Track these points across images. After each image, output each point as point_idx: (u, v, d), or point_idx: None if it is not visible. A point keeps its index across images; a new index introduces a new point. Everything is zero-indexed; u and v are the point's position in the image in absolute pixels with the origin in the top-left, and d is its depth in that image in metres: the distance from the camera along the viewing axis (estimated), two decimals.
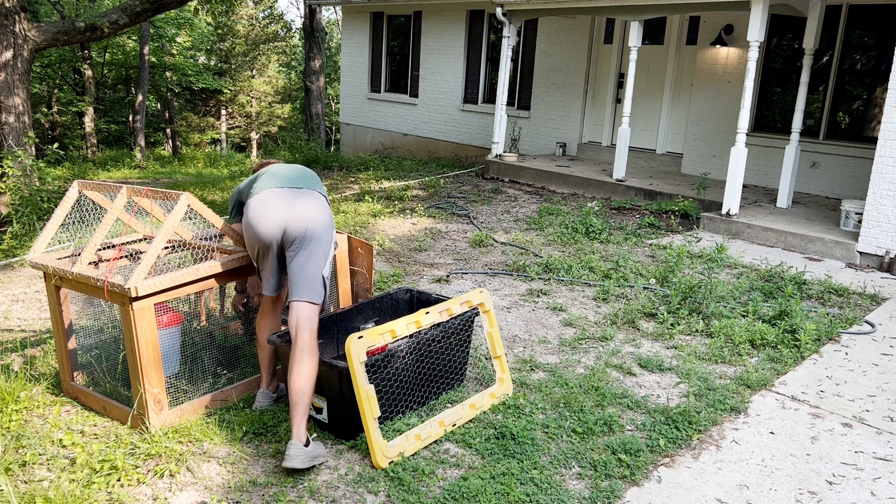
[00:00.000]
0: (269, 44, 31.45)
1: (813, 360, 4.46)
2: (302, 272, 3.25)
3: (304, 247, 3.26)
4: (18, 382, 3.65)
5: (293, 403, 3.08)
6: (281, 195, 3.31)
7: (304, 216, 3.26)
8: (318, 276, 3.28)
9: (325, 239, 3.32)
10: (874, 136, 8.86)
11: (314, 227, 3.27)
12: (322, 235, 3.30)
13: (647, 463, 3.21)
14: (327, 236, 3.34)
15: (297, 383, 3.09)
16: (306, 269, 3.26)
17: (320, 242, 3.29)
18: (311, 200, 3.33)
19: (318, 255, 3.28)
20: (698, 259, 6.64)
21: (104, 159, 19.76)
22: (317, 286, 3.28)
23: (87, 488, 2.88)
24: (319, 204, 3.35)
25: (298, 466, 2.95)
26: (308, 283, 3.25)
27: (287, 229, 3.26)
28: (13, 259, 6.32)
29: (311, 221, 3.27)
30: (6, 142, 8.55)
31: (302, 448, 2.99)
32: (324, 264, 3.31)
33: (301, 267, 3.26)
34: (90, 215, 3.85)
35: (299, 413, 3.07)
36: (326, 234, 3.33)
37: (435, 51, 14.25)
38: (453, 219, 8.22)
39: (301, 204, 3.29)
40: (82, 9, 18.97)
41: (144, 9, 9.73)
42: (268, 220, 3.26)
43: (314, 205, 3.32)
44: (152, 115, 28.13)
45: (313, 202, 3.33)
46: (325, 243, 3.32)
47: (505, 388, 3.76)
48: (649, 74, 11.16)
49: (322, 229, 3.30)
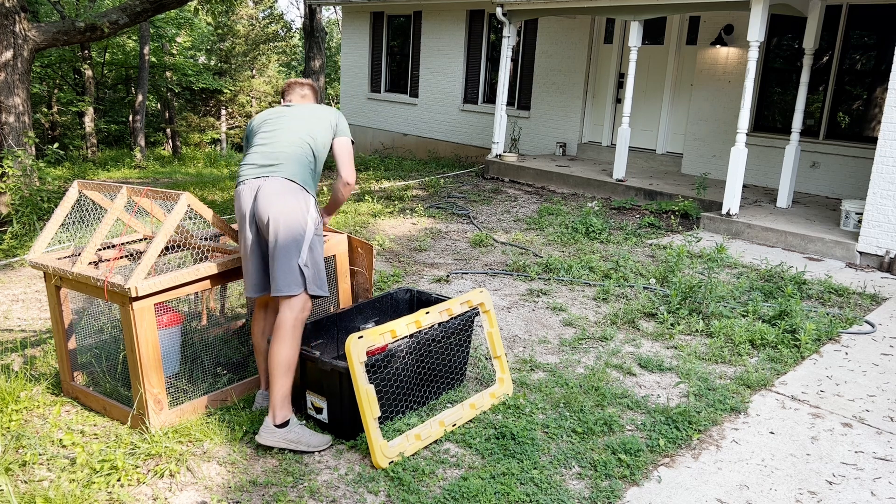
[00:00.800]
0: (269, 44, 31.47)
1: (813, 360, 4.46)
2: (273, 265, 3.22)
3: (272, 240, 3.22)
4: (18, 382, 3.65)
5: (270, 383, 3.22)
6: (249, 187, 3.31)
7: (264, 209, 3.21)
8: (290, 268, 3.21)
9: (292, 226, 3.22)
10: (874, 136, 8.86)
11: (276, 218, 3.20)
12: (288, 224, 3.21)
13: (647, 463, 3.21)
14: (294, 223, 3.23)
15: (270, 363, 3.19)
16: (277, 262, 3.21)
17: (286, 231, 3.21)
18: (273, 188, 3.25)
19: (288, 246, 3.21)
20: (698, 259, 6.64)
21: (104, 159, 19.76)
22: (290, 277, 3.21)
23: (87, 488, 2.88)
24: (283, 189, 3.26)
25: (260, 441, 3.15)
26: (281, 277, 3.21)
27: (254, 222, 3.28)
28: (13, 259, 6.32)
29: (273, 213, 3.20)
30: (6, 142, 8.55)
31: (271, 427, 3.14)
32: (297, 253, 3.23)
33: (272, 260, 3.23)
34: (90, 215, 3.85)
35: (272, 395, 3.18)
36: (293, 220, 3.23)
37: (435, 51, 14.25)
38: (453, 219, 8.22)
39: (263, 195, 3.24)
40: (82, 9, 18.97)
41: (144, 9, 9.73)
42: (238, 215, 3.35)
43: (276, 193, 3.24)
44: (152, 115, 28.14)
45: (275, 189, 3.25)
46: (292, 230, 3.22)
47: (505, 388, 3.76)
48: (649, 74, 11.16)
49: (285, 218, 3.21)
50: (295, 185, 3.31)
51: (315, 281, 3.29)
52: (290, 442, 3.17)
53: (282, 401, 3.18)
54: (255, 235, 3.32)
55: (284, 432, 3.17)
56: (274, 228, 3.20)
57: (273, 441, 3.16)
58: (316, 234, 3.34)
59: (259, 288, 3.39)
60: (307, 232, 3.28)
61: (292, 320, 3.20)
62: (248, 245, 3.33)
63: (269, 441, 3.15)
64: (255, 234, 3.31)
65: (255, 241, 3.32)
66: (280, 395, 3.17)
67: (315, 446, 3.21)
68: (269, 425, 3.16)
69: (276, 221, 3.20)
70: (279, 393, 3.17)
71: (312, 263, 3.29)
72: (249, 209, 3.29)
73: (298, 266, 3.23)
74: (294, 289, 3.22)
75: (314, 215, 3.34)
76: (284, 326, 3.19)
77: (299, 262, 3.23)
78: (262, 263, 3.36)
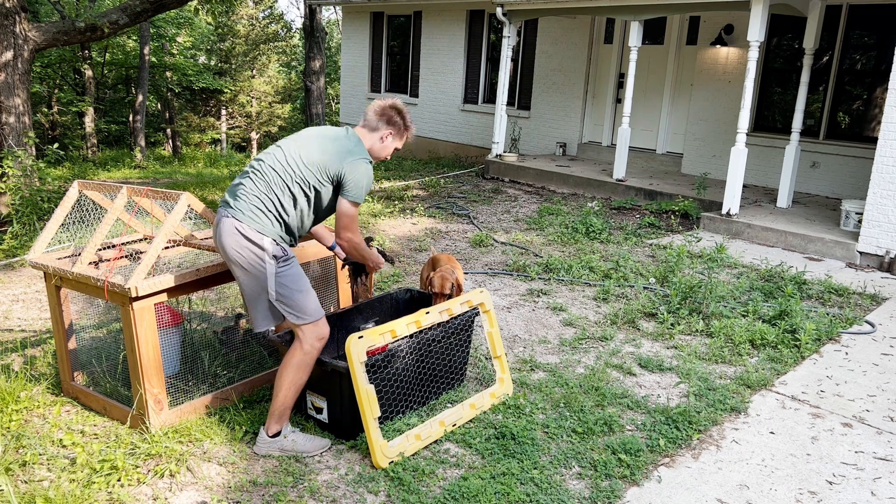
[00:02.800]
0: (270, 44, 31.46)
1: (813, 360, 4.46)
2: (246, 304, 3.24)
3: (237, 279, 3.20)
4: (18, 382, 3.65)
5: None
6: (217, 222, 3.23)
7: (221, 251, 3.15)
8: (258, 303, 3.15)
9: (246, 264, 3.07)
10: (874, 136, 8.86)
11: (231, 258, 3.12)
12: (240, 262, 3.08)
13: (647, 463, 3.21)
14: (248, 260, 3.07)
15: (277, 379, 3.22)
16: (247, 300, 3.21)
17: (241, 269, 3.10)
18: (222, 232, 3.12)
19: (248, 284, 3.13)
20: (698, 259, 6.64)
21: (104, 159, 19.76)
22: (261, 315, 3.17)
23: (87, 488, 2.88)
24: (228, 230, 3.09)
25: (256, 451, 3.22)
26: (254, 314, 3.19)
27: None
28: (13, 259, 6.32)
29: (227, 255, 3.12)
30: (6, 142, 8.55)
31: (265, 437, 3.21)
32: (258, 289, 3.11)
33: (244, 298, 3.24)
34: (90, 215, 3.85)
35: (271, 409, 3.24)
36: (245, 258, 3.07)
37: (435, 51, 14.25)
38: (453, 219, 8.22)
39: (217, 238, 3.16)
40: (82, 9, 18.98)
41: (144, 9, 9.73)
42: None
43: (224, 234, 3.10)
44: (152, 115, 28.13)
45: (224, 231, 3.11)
46: (248, 268, 3.08)
47: (505, 388, 3.76)
48: (649, 74, 11.16)
49: (236, 256, 3.08)
50: (242, 230, 3.10)
51: (297, 310, 3.12)
52: (284, 450, 3.21)
53: (279, 415, 3.21)
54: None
55: (276, 442, 3.21)
56: (233, 269, 3.16)
57: (267, 451, 3.22)
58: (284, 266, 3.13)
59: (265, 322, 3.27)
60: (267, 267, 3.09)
61: (300, 356, 3.15)
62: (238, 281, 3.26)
63: (263, 451, 3.23)
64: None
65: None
66: (277, 412, 3.21)
67: (311, 451, 3.23)
68: (263, 435, 3.22)
69: (231, 261, 3.13)
70: (276, 410, 3.21)
71: (286, 294, 3.11)
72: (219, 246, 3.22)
73: (269, 302, 3.14)
74: (267, 324, 3.21)
75: (271, 249, 3.09)
76: (289, 363, 3.17)
77: (269, 299, 3.13)
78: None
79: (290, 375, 3.17)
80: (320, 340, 3.17)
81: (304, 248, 3.87)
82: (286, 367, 3.18)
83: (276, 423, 3.22)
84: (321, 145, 3.18)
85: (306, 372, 3.19)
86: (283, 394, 3.18)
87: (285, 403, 3.20)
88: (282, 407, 3.20)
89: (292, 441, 3.22)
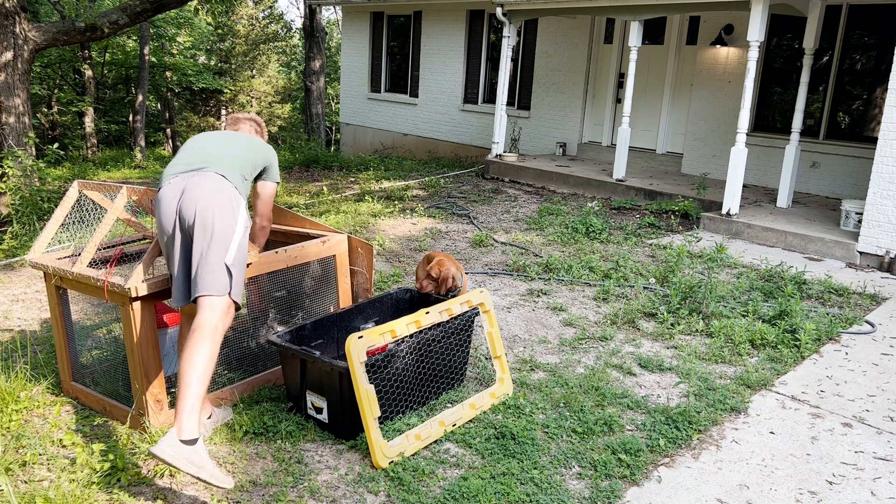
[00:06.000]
0: (269, 44, 31.47)
1: (813, 360, 4.46)
2: (197, 264, 2.95)
3: (198, 236, 2.95)
4: (18, 382, 3.65)
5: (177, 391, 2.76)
6: (175, 186, 3.06)
7: (191, 203, 2.97)
8: (216, 266, 2.94)
9: (220, 223, 2.97)
10: (874, 136, 8.86)
11: (203, 213, 2.95)
12: (215, 219, 2.96)
13: (647, 463, 3.21)
14: (224, 219, 2.98)
15: (180, 366, 2.80)
16: (202, 259, 2.95)
17: (214, 227, 2.95)
18: (203, 182, 3.01)
19: (215, 243, 2.95)
20: (698, 259, 6.64)
21: (104, 159, 19.76)
22: (217, 276, 2.94)
23: (87, 488, 2.88)
24: (213, 185, 3.02)
25: (154, 452, 2.54)
26: (206, 274, 2.93)
27: (179, 221, 3.00)
28: (13, 259, 6.32)
29: (200, 207, 2.95)
30: (6, 142, 8.55)
31: (175, 441, 2.57)
32: (224, 252, 2.96)
33: (196, 258, 2.95)
34: (90, 215, 3.86)
35: (180, 404, 2.69)
36: (222, 216, 2.98)
37: (435, 51, 14.25)
38: (453, 219, 8.22)
39: (190, 190, 3.00)
40: (82, 9, 18.98)
41: (144, 9, 9.74)
42: (162, 217, 3.05)
43: (205, 186, 3.00)
44: (152, 115, 28.13)
45: (205, 183, 3.01)
46: (220, 227, 2.97)
47: (505, 388, 3.76)
48: (649, 74, 11.17)
49: (212, 213, 2.96)
50: (226, 181, 3.08)
51: (237, 287, 3.01)
52: (193, 465, 2.57)
53: (190, 411, 2.67)
54: (182, 237, 3.03)
55: (189, 451, 2.60)
56: (202, 222, 2.95)
57: (172, 457, 2.55)
58: (244, 237, 3.07)
59: (183, 297, 3.09)
60: (237, 229, 3.02)
61: (215, 321, 2.89)
62: (176, 249, 3.05)
63: (167, 457, 2.55)
64: (182, 236, 3.03)
65: (182, 243, 3.04)
66: (190, 403, 2.68)
67: (220, 480, 2.62)
68: (174, 438, 2.60)
69: (203, 216, 2.95)
70: (189, 401, 2.69)
71: (239, 264, 3.04)
72: (175, 207, 3.01)
73: (226, 265, 2.97)
74: (216, 289, 2.94)
75: (244, 216, 3.09)
76: (206, 327, 2.85)
77: (226, 261, 2.97)
78: (189, 269, 3.06)
79: (206, 346, 2.79)
80: (230, 320, 3.01)
81: (305, 247, 3.87)
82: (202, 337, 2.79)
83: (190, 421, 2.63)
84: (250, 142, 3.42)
85: (217, 350, 2.88)
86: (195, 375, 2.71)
87: (198, 393, 2.73)
88: (195, 398, 2.69)
89: (203, 459, 2.62)
